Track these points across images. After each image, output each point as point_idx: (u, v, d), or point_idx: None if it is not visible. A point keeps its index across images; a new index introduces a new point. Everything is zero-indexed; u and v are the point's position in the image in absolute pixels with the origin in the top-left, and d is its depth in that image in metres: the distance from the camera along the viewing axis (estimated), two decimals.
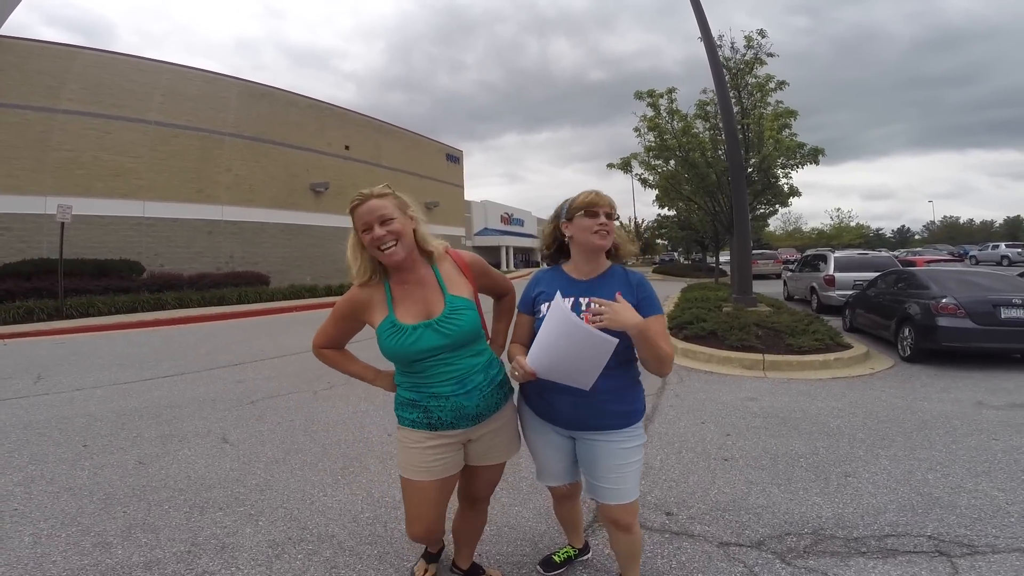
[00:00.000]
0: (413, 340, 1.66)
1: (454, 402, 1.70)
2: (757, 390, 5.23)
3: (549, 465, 1.97)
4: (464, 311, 1.72)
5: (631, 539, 1.89)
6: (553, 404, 1.83)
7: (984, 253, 30.01)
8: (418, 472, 1.74)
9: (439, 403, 1.70)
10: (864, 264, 11.53)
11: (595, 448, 1.82)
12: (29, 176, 14.39)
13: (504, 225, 49.34)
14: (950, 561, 2.25)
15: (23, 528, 2.65)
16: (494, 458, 1.88)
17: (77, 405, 4.95)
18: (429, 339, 1.66)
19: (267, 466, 3.47)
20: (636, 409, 1.83)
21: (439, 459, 1.75)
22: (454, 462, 1.79)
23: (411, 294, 1.73)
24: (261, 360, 7.13)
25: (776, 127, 11.02)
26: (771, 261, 26.14)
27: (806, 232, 61.46)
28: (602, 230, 1.75)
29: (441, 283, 1.76)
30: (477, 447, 1.83)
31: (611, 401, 1.77)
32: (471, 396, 1.72)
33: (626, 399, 1.80)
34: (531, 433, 1.97)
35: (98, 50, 16.14)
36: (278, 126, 20.59)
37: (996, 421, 4.18)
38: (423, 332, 1.66)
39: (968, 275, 7.28)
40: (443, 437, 1.74)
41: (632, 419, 1.81)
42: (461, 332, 1.69)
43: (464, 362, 1.73)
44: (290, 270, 20.13)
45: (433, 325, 1.67)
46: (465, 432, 1.77)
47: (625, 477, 1.80)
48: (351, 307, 1.78)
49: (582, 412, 1.79)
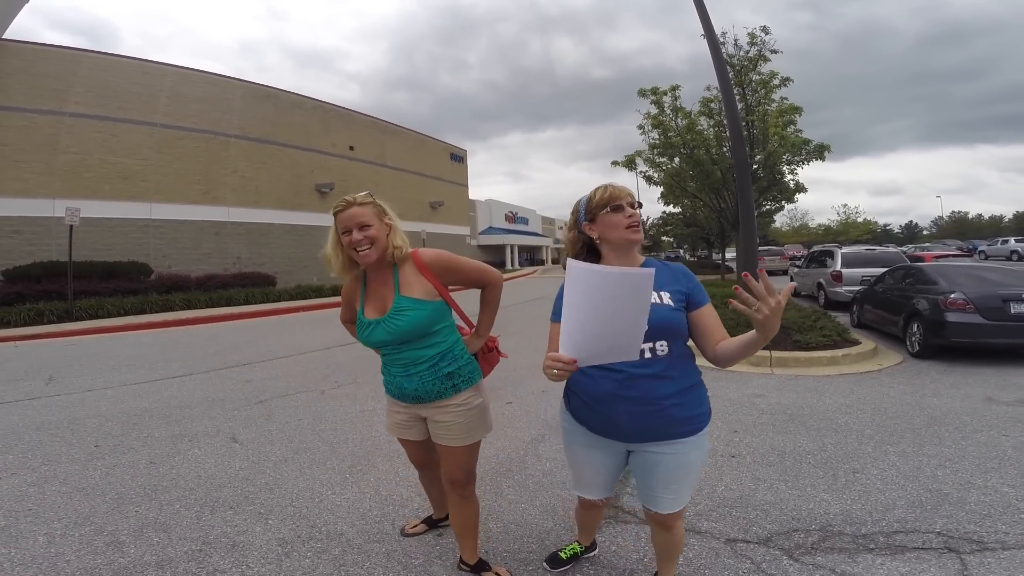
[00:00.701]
0: (368, 333, 1.96)
1: (397, 381, 2.00)
2: (764, 387, 5.21)
3: (589, 479, 1.89)
4: (408, 311, 1.89)
5: (672, 538, 1.85)
6: (611, 416, 1.68)
7: (993, 248, 29.77)
8: (388, 426, 2.20)
9: (389, 379, 2.05)
10: (872, 260, 11.45)
11: (657, 460, 1.69)
12: (38, 179, 14.52)
13: (509, 224, 49.34)
14: (959, 558, 2.24)
15: (37, 528, 2.68)
16: (444, 440, 2.02)
17: (88, 406, 5.00)
18: (378, 334, 1.93)
19: (276, 465, 3.50)
20: (702, 412, 1.70)
21: (397, 420, 2.13)
22: (409, 428, 2.12)
23: (376, 292, 1.99)
24: (269, 360, 7.17)
25: (781, 123, 10.97)
26: (778, 257, 26.03)
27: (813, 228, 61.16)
28: (633, 223, 1.67)
29: (396, 284, 1.94)
30: (431, 426, 2.05)
31: (675, 407, 1.63)
32: (411, 380, 1.96)
33: (691, 402, 1.66)
34: (575, 447, 1.87)
35: (103, 53, 16.25)
36: (283, 127, 20.67)
37: (1006, 417, 4.15)
38: (375, 327, 1.93)
39: (977, 270, 7.22)
40: (398, 405, 2.10)
41: (699, 424, 1.68)
42: (400, 330, 1.90)
43: (411, 353, 1.95)
44: (296, 270, 20.22)
45: (381, 322, 1.92)
46: (410, 407, 2.06)
47: (683, 487, 1.72)
48: (346, 295, 2.17)
49: (644, 422, 1.64)
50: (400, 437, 2.17)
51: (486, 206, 46.52)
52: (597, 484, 1.89)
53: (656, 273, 1.45)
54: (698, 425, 1.68)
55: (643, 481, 1.77)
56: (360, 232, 1.84)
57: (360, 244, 1.84)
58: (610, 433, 1.72)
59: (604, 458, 1.80)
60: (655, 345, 1.61)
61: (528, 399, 4.94)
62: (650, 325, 1.50)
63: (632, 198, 1.71)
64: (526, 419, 4.36)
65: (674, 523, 1.80)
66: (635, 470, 1.78)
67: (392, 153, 26.69)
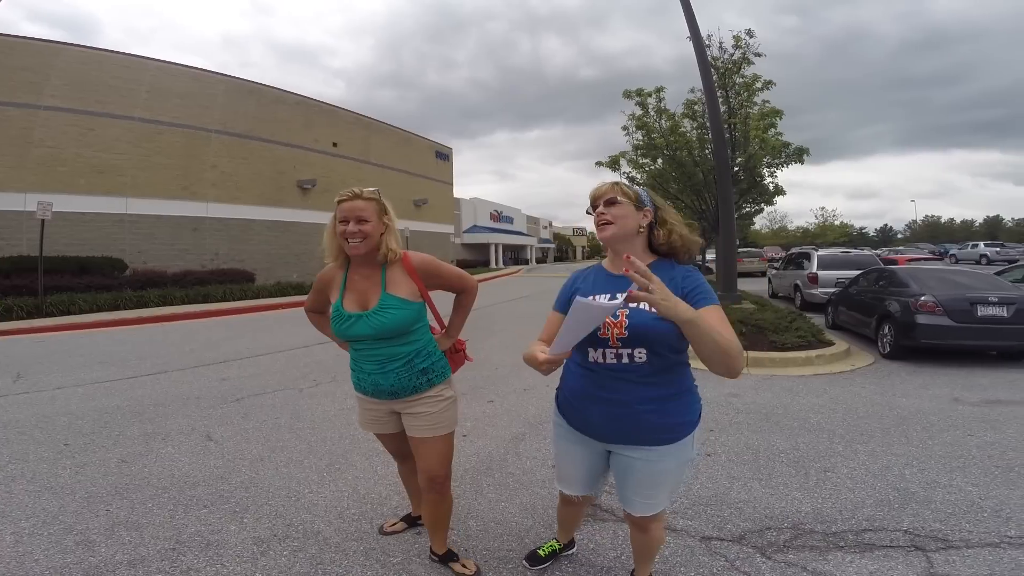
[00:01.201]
0: (348, 326, 1.98)
1: (373, 379, 2.03)
2: (740, 386, 5.29)
3: (569, 474, 1.91)
4: (392, 309, 1.95)
5: (647, 539, 1.87)
6: (585, 414, 1.72)
7: (964, 252, 30.55)
8: (361, 423, 2.24)
9: (362, 376, 2.06)
10: (847, 262, 11.69)
11: (630, 463, 1.69)
12: (9, 173, 14.12)
13: (494, 223, 49.31)
14: (925, 555, 2.31)
15: (4, 527, 2.62)
16: (417, 432, 2.06)
17: (58, 404, 4.89)
18: (360, 328, 1.96)
19: (252, 463, 3.46)
20: (682, 422, 1.64)
21: (370, 416, 2.17)
22: (385, 423, 2.16)
23: (358, 286, 2.02)
24: (246, 358, 7.08)
25: (762, 127, 11.13)
26: (756, 259, 26.40)
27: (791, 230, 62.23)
28: (600, 221, 1.67)
29: (383, 282, 1.99)
30: (405, 419, 2.09)
31: (651, 413, 1.60)
32: (387, 376, 2.00)
33: (671, 410, 1.62)
34: (559, 440, 1.89)
35: (82, 46, 15.88)
36: (265, 123, 20.39)
37: (971, 417, 4.27)
38: (356, 321, 1.97)
39: (947, 273, 7.42)
40: (370, 402, 2.13)
41: (679, 433, 1.63)
42: (384, 327, 1.95)
43: (389, 350, 1.99)
44: (276, 267, 19.97)
45: (364, 317, 1.96)
46: (384, 403, 2.09)
47: (657, 493, 1.71)
48: (320, 282, 2.16)
49: (616, 424, 1.65)
50: (375, 432, 2.22)
51: (471, 204, 46.43)
52: (576, 480, 1.91)
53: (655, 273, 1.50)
54: (677, 434, 1.63)
55: (618, 482, 1.80)
56: (356, 225, 1.90)
57: (353, 236, 1.90)
58: (586, 430, 1.75)
59: (584, 454, 1.82)
60: (633, 352, 1.58)
61: (509, 398, 4.95)
62: (627, 331, 1.56)
63: (607, 195, 1.68)
64: (507, 418, 4.38)
65: (649, 525, 1.81)
66: (613, 470, 1.80)
67: (376, 150, 26.50)
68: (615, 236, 1.66)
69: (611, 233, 1.66)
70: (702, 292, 1.56)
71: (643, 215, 1.68)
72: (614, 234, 1.66)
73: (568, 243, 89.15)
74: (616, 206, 1.66)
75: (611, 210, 1.66)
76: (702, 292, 1.56)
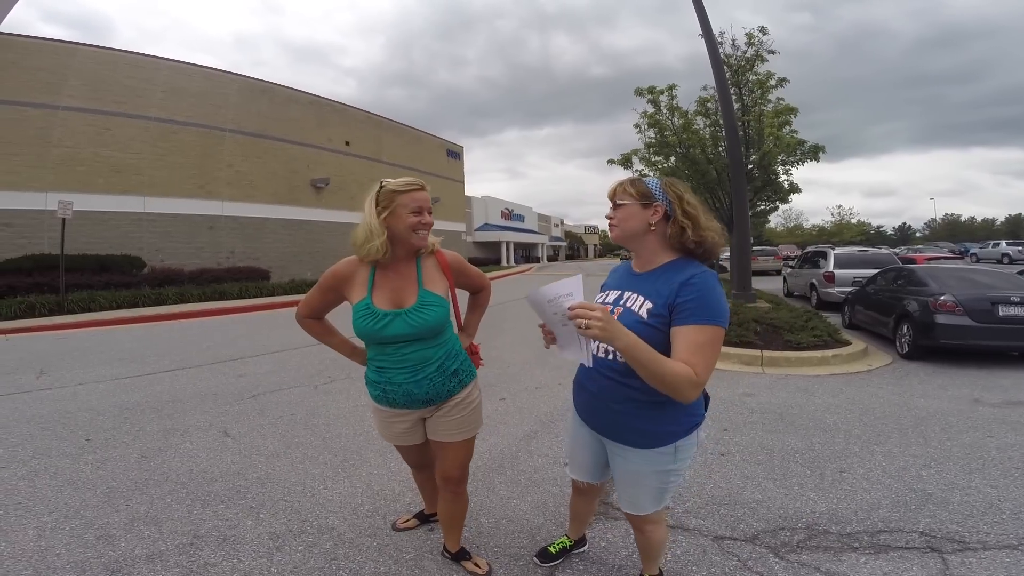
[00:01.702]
0: (383, 325, 1.83)
1: (405, 388, 1.90)
2: (755, 386, 5.26)
3: (577, 459, 1.98)
4: (433, 306, 1.87)
5: (644, 539, 1.89)
6: (578, 399, 1.82)
7: (985, 251, 30.00)
8: (384, 436, 2.11)
9: (393, 387, 1.91)
10: (864, 261, 11.54)
11: (613, 459, 1.77)
12: (30, 172, 14.38)
13: (504, 221, 49.30)
14: (941, 557, 2.28)
15: (27, 522, 2.68)
16: (447, 436, 2.00)
17: (80, 400, 4.98)
18: (397, 327, 1.83)
19: (268, 459, 3.51)
20: (661, 432, 1.61)
21: (397, 429, 2.04)
22: (412, 433, 2.06)
23: (390, 282, 1.89)
24: (262, 355, 7.16)
25: (776, 124, 11.02)
26: (771, 257, 26.13)
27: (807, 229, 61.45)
28: (609, 224, 1.70)
29: (420, 277, 1.91)
30: (433, 424, 2.01)
31: (625, 414, 1.62)
32: (421, 384, 1.90)
33: (648, 417, 1.60)
34: (571, 421, 1.97)
35: (97, 47, 16.11)
36: (278, 122, 20.56)
37: (992, 418, 4.21)
38: (392, 320, 1.83)
39: (967, 273, 7.30)
40: (398, 414, 2.00)
41: (654, 441, 1.62)
42: (426, 325, 1.85)
43: (420, 353, 1.88)
44: (290, 265, 20.16)
45: (403, 315, 1.84)
46: (414, 412, 1.99)
47: (638, 494, 1.72)
48: (335, 279, 1.94)
49: (594, 416, 1.73)
50: (402, 445, 2.12)
51: (482, 203, 46.46)
52: (580, 464, 1.97)
53: (664, 274, 1.59)
54: (653, 441, 1.62)
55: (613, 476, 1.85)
56: (429, 216, 1.85)
57: (428, 227, 1.86)
58: (580, 415, 1.85)
59: (587, 439, 1.87)
60: (611, 349, 1.60)
61: (521, 396, 4.96)
62: None
63: (613, 196, 1.68)
64: (519, 415, 4.39)
65: (641, 525, 1.83)
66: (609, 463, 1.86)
67: (388, 149, 26.62)
68: (619, 239, 1.69)
69: (615, 236, 1.68)
70: (689, 308, 1.47)
71: (652, 212, 1.61)
72: (617, 237, 1.68)
73: (580, 241, 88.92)
74: (620, 208, 1.65)
75: (616, 212, 1.67)
76: (689, 308, 1.47)
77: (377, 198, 1.82)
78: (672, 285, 1.53)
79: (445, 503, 2.16)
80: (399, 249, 1.87)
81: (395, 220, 1.81)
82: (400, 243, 1.85)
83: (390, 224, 1.81)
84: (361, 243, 1.82)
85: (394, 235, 1.83)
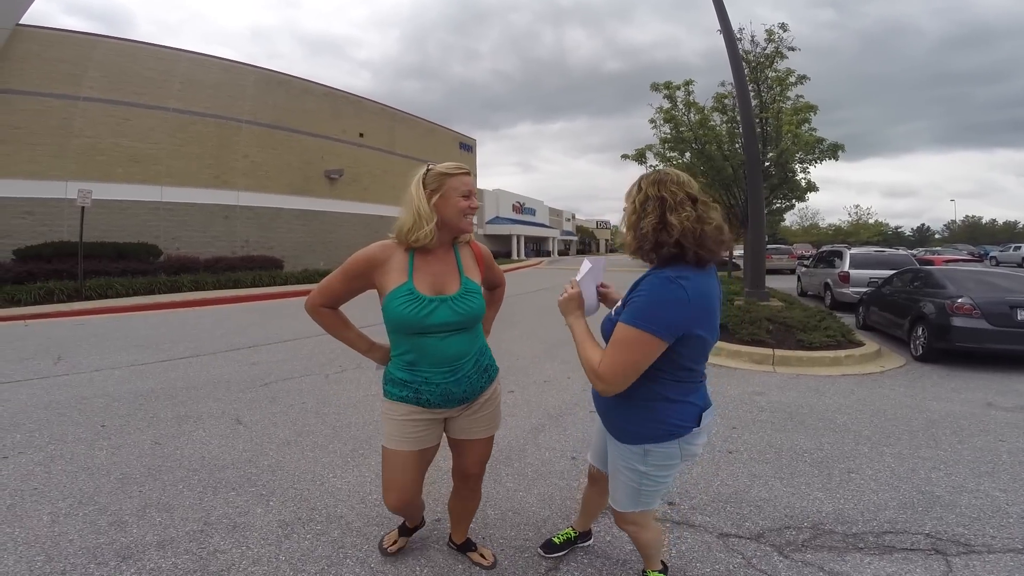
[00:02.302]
0: (428, 312, 1.74)
1: (444, 388, 1.80)
2: (765, 385, 5.23)
3: (593, 443, 2.06)
4: (476, 295, 1.84)
5: (633, 537, 1.89)
6: None
7: (1005, 254, 29.41)
8: (400, 442, 1.85)
9: (429, 387, 1.80)
10: (880, 262, 11.39)
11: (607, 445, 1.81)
12: (51, 162, 14.63)
13: (516, 214, 49.23)
14: (945, 559, 2.27)
15: (42, 507, 2.72)
16: (476, 433, 1.97)
17: (96, 386, 5.08)
18: (442, 314, 1.75)
19: (279, 447, 3.56)
20: (631, 430, 1.63)
21: (420, 432, 1.86)
22: (433, 435, 1.91)
23: (430, 267, 1.81)
24: (275, 343, 7.25)
25: (795, 121, 10.88)
26: (786, 256, 25.86)
27: (823, 228, 60.67)
28: None
29: (460, 265, 1.87)
30: (460, 423, 1.94)
31: (608, 405, 1.69)
32: (460, 383, 1.83)
33: (618, 412, 1.66)
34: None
35: (118, 39, 16.29)
36: (294, 114, 20.70)
37: (1004, 422, 4.15)
38: (438, 306, 1.75)
39: (986, 275, 7.18)
40: (428, 413, 1.85)
41: (626, 438, 1.65)
42: (471, 313, 1.80)
43: (460, 346, 1.81)
44: (304, 255, 20.34)
45: (448, 301, 1.77)
46: (449, 411, 1.88)
47: (616, 486, 1.76)
48: (368, 264, 1.80)
49: (596, 400, 1.78)
50: (419, 449, 1.88)
51: (494, 196, 46.41)
52: (594, 449, 2.04)
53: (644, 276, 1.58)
54: (625, 437, 1.65)
55: None
56: (475, 199, 1.82)
57: (476, 210, 1.83)
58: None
59: (600, 424, 1.89)
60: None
61: (530, 389, 4.98)
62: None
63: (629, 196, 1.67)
64: (527, 408, 4.41)
65: (621, 523, 1.83)
66: None
67: (401, 141, 26.67)
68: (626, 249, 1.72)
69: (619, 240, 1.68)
70: (627, 307, 1.50)
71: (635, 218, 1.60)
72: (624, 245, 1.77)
73: (591, 236, 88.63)
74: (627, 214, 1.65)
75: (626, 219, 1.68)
76: (627, 307, 1.50)
77: (424, 181, 1.77)
78: (642, 284, 1.54)
79: (461, 500, 2.16)
80: (444, 235, 1.81)
81: (445, 204, 1.75)
82: (447, 228, 1.80)
83: (439, 207, 1.75)
84: (409, 229, 1.73)
85: (443, 219, 1.77)
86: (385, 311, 1.77)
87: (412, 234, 1.73)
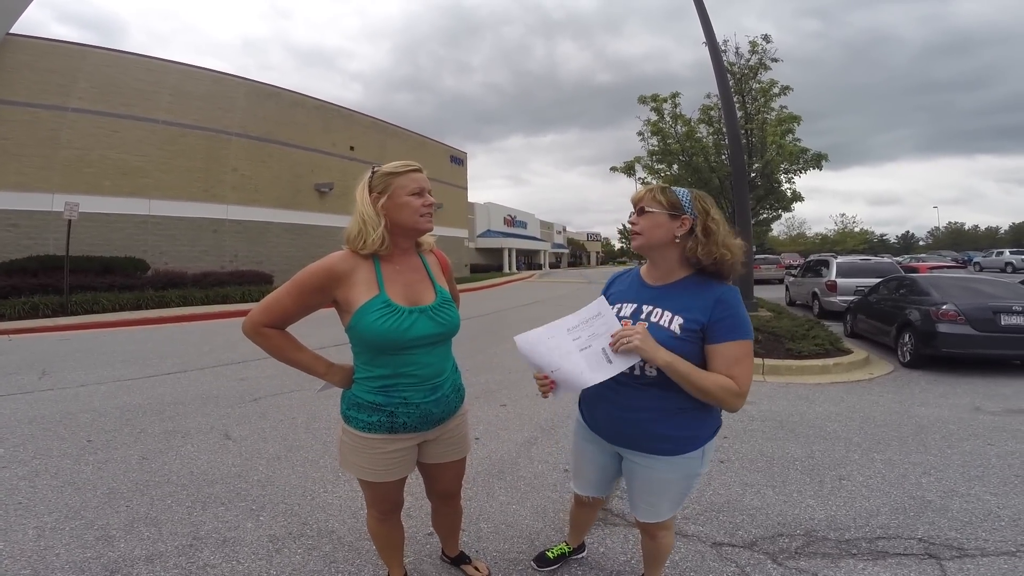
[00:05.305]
0: (408, 325, 1.59)
1: (424, 408, 1.67)
2: (755, 394, 5.25)
3: (583, 475, 1.95)
4: (451, 305, 1.75)
5: (655, 545, 1.87)
6: (595, 413, 1.76)
7: (988, 260, 29.91)
8: (377, 475, 1.71)
9: (407, 409, 1.65)
10: (866, 270, 11.53)
11: (634, 469, 1.72)
12: (37, 174, 14.49)
13: (507, 227, 49.39)
14: (939, 564, 2.28)
15: (27, 521, 2.69)
16: (450, 456, 1.86)
17: (82, 401, 5.01)
18: (423, 326, 1.61)
19: (269, 462, 3.52)
20: (688, 436, 1.61)
21: (398, 461, 1.72)
22: (411, 461, 1.78)
23: (401, 276, 1.66)
24: (264, 358, 7.17)
25: (779, 132, 11.05)
26: (774, 266, 26.12)
27: (810, 237, 61.43)
28: (631, 231, 1.66)
29: (431, 274, 1.76)
30: (434, 447, 1.81)
31: (653, 422, 1.60)
32: (439, 404, 1.71)
33: (675, 423, 1.60)
34: (577, 437, 1.93)
35: (108, 49, 16.23)
36: (284, 126, 20.68)
37: (992, 426, 4.20)
38: (418, 317, 1.61)
39: (970, 282, 7.29)
40: (402, 440, 1.69)
41: (680, 447, 1.61)
42: (452, 323, 1.70)
43: (439, 361, 1.70)
44: (294, 269, 19.73)
45: (428, 312, 1.64)
46: (423, 434, 1.74)
47: (659, 501, 1.71)
48: (329, 277, 1.60)
49: (619, 427, 1.68)
50: (396, 478, 1.77)
51: (485, 209, 46.56)
52: (587, 479, 1.94)
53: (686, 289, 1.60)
54: (678, 447, 1.62)
55: (627, 486, 1.83)
56: (431, 196, 1.67)
57: (431, 208, 1.67)
58: (596, 429, 1.78)
59: (595, 454, 1.85)
60: (645, 365, 1.57)
61: (521, 402, 4.97)
62: None
63: (639, 202, 1.64)
64: (519, 422, 4.39)
65: (656, 532, 1.82)
66: (623, 474, 1.82)
67: (392, 154, 26.73)
68: (641, 248, 1.64)
69: (637, 244, 1.63)
70: (726, 326, 1.53)
71: (680, 224, 1.57)
72: (640, 246, 1.63)
73: (582, 248, 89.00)
74: (645, 216, 1.60)
75: (640, 220, 1.61)
76: (726, 326, 1.53)
77: (370, 184, 1.64)
78: (704, 303, 1.55)
79: (445, 517, 2.13)
80: (401, 239, 1.66)
81: (394, 205, 1.60)
82: (401, 231, 1.64)
83: (388, 210, 1.61)
84: (355, 236, 1.59)
85: (394, 222, 1.62)
86: (356, 328, 1.59)
87: (359, 241, 1.58)
